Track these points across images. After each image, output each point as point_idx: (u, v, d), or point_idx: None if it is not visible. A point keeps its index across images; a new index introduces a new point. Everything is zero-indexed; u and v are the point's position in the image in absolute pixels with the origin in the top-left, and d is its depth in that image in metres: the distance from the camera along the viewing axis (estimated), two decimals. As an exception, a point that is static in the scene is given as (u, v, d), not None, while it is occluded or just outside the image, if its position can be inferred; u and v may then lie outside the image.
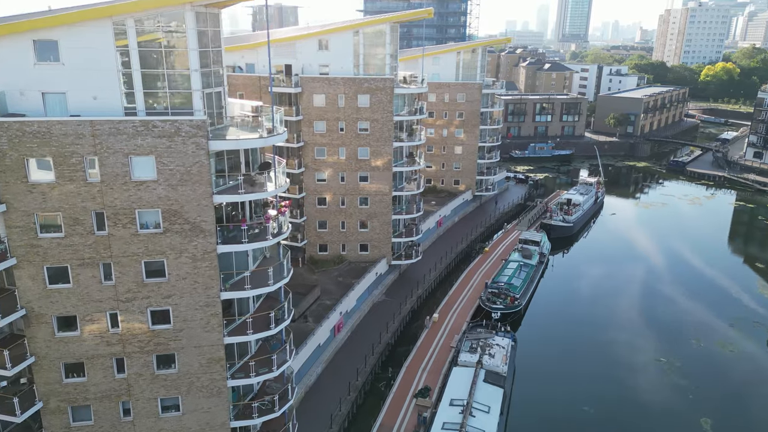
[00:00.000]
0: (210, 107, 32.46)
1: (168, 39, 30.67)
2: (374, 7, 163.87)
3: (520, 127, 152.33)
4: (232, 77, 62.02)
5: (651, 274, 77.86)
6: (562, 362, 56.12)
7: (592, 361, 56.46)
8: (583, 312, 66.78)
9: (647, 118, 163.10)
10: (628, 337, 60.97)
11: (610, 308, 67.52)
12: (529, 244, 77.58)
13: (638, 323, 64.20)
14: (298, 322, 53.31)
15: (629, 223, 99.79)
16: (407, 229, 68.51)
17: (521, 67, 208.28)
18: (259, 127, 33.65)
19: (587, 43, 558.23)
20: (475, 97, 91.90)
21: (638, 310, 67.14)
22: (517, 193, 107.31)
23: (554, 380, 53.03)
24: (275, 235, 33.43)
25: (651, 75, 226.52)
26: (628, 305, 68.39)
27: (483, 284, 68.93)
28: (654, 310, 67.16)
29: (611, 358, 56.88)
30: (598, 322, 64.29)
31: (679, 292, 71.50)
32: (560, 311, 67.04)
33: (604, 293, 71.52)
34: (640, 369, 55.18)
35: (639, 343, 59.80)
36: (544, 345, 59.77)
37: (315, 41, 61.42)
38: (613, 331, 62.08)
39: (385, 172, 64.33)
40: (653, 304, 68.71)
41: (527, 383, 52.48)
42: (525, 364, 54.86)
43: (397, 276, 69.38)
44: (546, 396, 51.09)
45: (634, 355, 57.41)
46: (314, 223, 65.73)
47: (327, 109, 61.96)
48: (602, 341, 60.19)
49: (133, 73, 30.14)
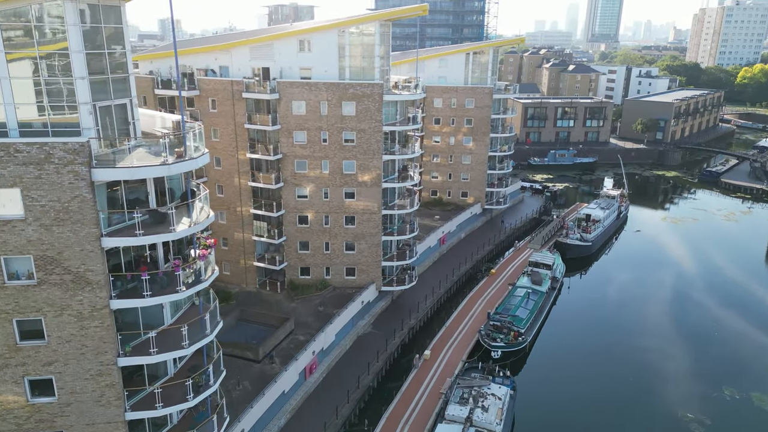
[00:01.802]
0: (109, 124, 25.78)
1: (44, 37, 24.05)
2: (386, 5, 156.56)
3: (540, 133, 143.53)
4: (203, 82, 55.62)
5: (680, 304, 69.02)
6: (569, 415, 48.14)
7: (607, 416, 48.32)
8: (600, 350, 58.40)
9: (678, 124, 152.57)
10: (653, 386, 52.31)
11: (631, 347, 58.86)
12: (540, 267, 69.58)
13: (666, 368, 55.41)
14: (263, 364, 46.57)
15: (655, 241, 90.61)
16: (399, 252, 61.20)
17: (544, 68, 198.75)
18: (179, 146, 26.90)
19: (617, 43, 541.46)
20: (485, 103, 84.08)
21: (665, 351, 58.49)
22: (533, 205, 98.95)
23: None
24: (191, 284, 26.56)
25: (683, 77, 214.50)
26: (653, 344, 59.61)
27: (485, 314, 61.37)
28: (687, 350, 58.54)
29: (631, 414, 48.61)
30: (617, 364, 55.86)
31: (716, 328, 62.75)
32: (572, 348, 58.83)
33: (624, 326, 62.98)
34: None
35: (669, 397, 51.14)
36: (550, 392, 51.69)
37: (295, 42, 54.62)
38: (634, 378, 53.67)
39: (373, 189, 57.19)
40: (685, 342, 60.01)
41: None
42: (526, 417, 47.15)
43: (388, 303, 62.16)
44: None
45: (662, 414, 49.00)
46: (295, 244, 58.92)
47: (308, 117, 55.11)
48: (620, 389, 51.81)
49: (1, 81, 23.62)
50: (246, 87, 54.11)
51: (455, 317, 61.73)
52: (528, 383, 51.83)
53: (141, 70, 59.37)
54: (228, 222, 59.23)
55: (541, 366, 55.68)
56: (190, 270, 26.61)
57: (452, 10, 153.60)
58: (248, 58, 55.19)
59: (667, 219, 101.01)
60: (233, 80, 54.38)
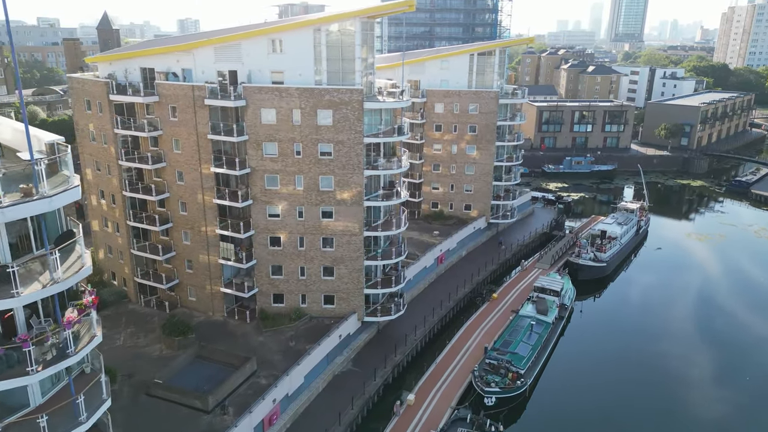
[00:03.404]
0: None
1: None
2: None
3: (556, 138, 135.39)
4: (162, 87, 49.52)
5: (708, 337, 61.09)
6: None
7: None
8: (613, 395, 50.93)
9: (705, 129, 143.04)
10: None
11: (651, 391, 51.24)
12: (547, 293, 62.27)
13: (699, 424, 48.00)
14: (213, 415, 40.22)
15: (679, 261, 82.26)
16: (385, 278, 54.44)
17: (562, 69, 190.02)
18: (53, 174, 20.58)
19: (642, 43, 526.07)
20: (491, 108, 76.84)
21: (696, 401, 50.89)
22: (544, 218, 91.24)
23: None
24: (52, 360, 20.16)
25: (711, 79, 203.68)
26: (679, 391, 51.88)
27: (482, 348, 54.43)
28: (719, 396, 50.90)
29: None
30: (634, 413, 48.37)
31: (752, 369, 54.83)
32: (580, 392, 51.43)
33: (643, 363, 55.25)
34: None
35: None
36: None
37: (265, 41, 48.23)
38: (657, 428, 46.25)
39: (353, 207, 50.55)
40: (717, 387, 52.36)
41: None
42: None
43: (373, 335, 55.46)
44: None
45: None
46: (266, 269, 52.55)
47: (279, 127, 48.68)
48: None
49: None
50: (209, 92, 47.90)
51: (448, 351, 54.82)
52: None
53: (101, 72, 53.59)
54: (192, 243, 53.09)
55: (543, 417, 48.35)
56: (51, 342, 20.21)
57: (463, 8, 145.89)
58: (213, 60, 48.97)
59: (692, 235, 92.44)
60: (194, 85, 48.16)
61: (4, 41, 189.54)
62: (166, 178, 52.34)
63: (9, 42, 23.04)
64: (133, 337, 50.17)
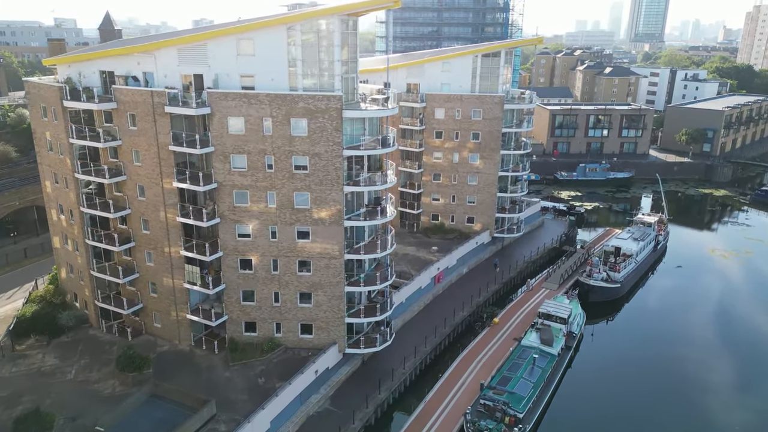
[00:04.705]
0: None
1: None
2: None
3: (570, 143, 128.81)
4: (120, 92, 44.53)
5: (734, 368, 54.65)
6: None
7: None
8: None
9: (729, 135, 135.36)
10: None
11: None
12: (552, 320, 56.30)
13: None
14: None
15: (701, 281, 75.46)
16: (369, 306, 48.86)
17: (578, 70, 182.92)
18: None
19: (663, 43, 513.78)
20: (495, 114, 70.93)
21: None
22: (554, 231, 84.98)
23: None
24: None
25: (735, 81, 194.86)
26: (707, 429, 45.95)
27: (478, 383, 48.67)
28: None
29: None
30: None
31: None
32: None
33: (663, 400, 49.18)
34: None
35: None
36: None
37: (233, 42, 42.98)
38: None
39: (332, 227, 45.11)
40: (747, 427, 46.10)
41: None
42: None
43: (356, 367, 49.93)
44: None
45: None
46: (236, 294, 47.32)
47: (248, 137, 43.42)
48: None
49: None
50: (169, 99, 42.78)
51: (440, 387, 49.08)
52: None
53: (60, 76, 48.78)
54: (156, 264, 48.05)
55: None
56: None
57: (472, 7, 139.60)
58: (176, 62, 43.83)
59: (715, 252, 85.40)
60: (153, 90, 43.04)
61: (8, 42, 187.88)
62: (126, 192, 47.37)
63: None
64: (86, 370, 45.21)
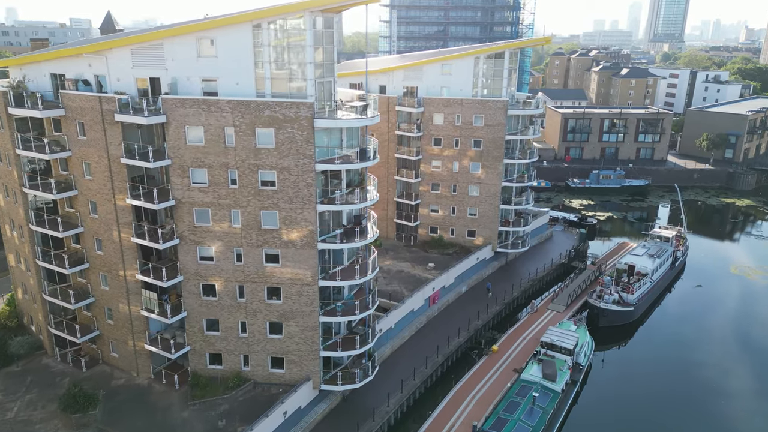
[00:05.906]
0: None
1: None
2: (404, 1, 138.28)
3: (583, 149, 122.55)
4: (67, 98, 39.83)
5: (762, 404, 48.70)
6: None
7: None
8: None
9: (753, 140, 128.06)
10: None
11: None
12: (556, 350, 50.70)
13: None
14: None
15: (723, 302, 69.15)
16: (347, 338, 43.59)
17: (593, 72, 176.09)
18: None
19: (682, 43, 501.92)
20: (498, 120, 65.39)
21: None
22: (563, 245, 79.15)
23: None
24: None
25: (758, 83, 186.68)
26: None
27: (470, 426, 43.22)
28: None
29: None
30: None
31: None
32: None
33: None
34: None
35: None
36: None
37: (194, 41, 38.09)
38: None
39: (304, 250, 40.02)
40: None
41: None
42: None
43: (335, 404, 44.75)
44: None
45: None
46: (199, 323, 42.44)
47: (208, 149, 38.52)
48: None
49: None
50: (120, 106, 38.01)
51: (427, 428, 43.69)
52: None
53: (12, 79, 44.24)
54: (111, 289, 43.31)
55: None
56: None
57: (480, 5, 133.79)
58: (130, 64, 39.02)
59: (738, 269, 78.81)
60: (101, 96, 38.29)
61: (12, 42, 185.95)
62: (79, 209, 42.71)
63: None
64: (29, 407, 40.56)
